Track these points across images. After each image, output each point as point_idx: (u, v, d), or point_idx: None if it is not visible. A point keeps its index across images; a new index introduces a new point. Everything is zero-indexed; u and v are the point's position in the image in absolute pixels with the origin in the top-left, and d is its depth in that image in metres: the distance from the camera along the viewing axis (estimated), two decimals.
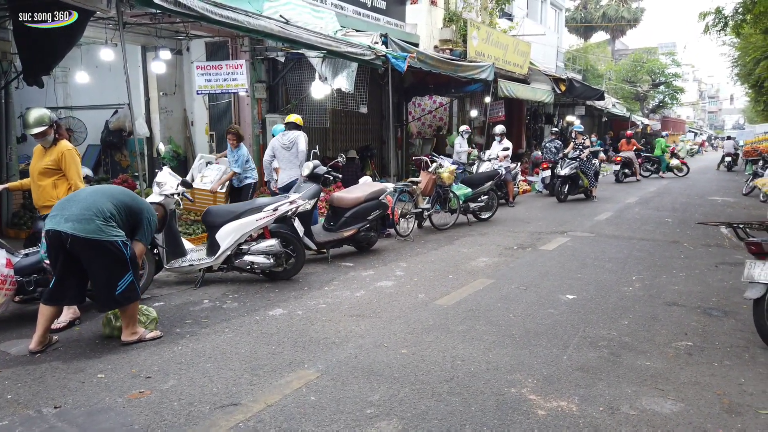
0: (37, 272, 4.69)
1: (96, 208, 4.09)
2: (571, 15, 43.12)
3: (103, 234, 4.07)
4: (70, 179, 4.75)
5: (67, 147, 4.84)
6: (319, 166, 7.30)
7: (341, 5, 11.96)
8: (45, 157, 4.80)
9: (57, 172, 4.85)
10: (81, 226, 4.01)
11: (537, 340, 4.45)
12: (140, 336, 4.37)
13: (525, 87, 16.72)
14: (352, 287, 5.96)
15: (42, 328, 4.18)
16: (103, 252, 4.09)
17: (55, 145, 4.83)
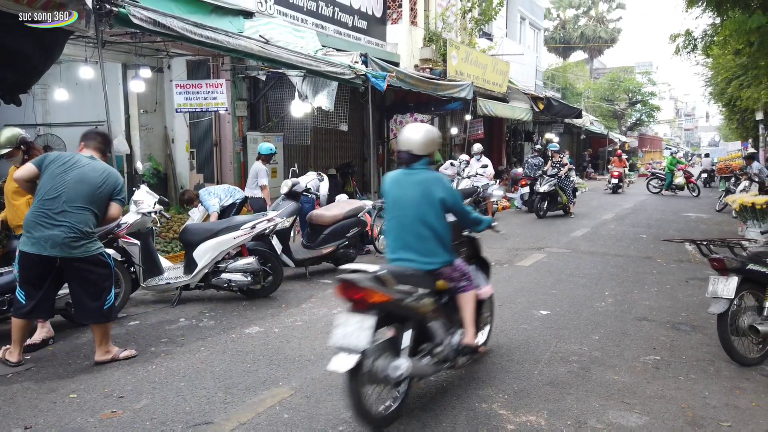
0: (11, 292, 4.65)
1: (79, 228, 4.05)
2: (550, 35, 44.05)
3: (90, 250, 4.12)
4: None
5: None
6: (297, 184, 7.37)
7: (322, 25, 12.13)
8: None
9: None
10: (69, 250, 4.03)
11: (509, 355, 4.53)
12: (114, 355, 4.36)
13: (504, 105, 17.01)
14: (329, 304, 6.00)
15: (20, 341, 4.23)
16: (93, 265, 4.15)
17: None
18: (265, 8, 10.49)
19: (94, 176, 4.16)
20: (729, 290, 4.27)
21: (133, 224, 5.57)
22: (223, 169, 10.46)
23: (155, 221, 5.94)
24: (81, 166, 4.16)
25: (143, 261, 5.71)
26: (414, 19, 15.58)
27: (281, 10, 10.94)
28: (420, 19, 15.83)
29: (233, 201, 8.13)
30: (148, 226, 5.82)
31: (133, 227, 5.58)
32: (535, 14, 29.41)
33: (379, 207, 8.93)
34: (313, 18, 11.90)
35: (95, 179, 4.16)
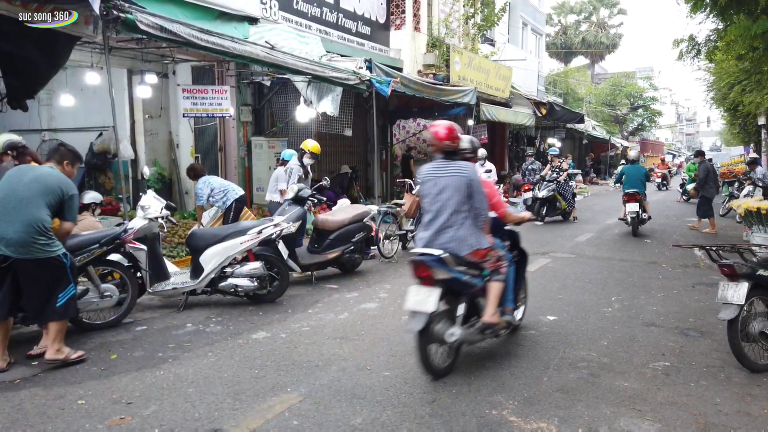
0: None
1: (35, 225, 4.08)
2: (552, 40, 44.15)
3: (46, 251, 4.13)
4: None
5: None
6: (303, 189, 7.37)
7: (326, 31, 12.16)
8: None
9: None
10: (24, 250, 4.06)
11: (518, 361, 4.51)
12: (66, 355, 4.32)
13: (507, 110, 17.03)
14: (335, 309, 5.98)
15: (2, 344, 4.24)
16: (47, 267, 4.16)
17: None
18: (270, 14, 10.52)
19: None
20: (739, 296, 4.25)
21: (140, 229, 5.57)
22: (228, 173, 10.48)
23: (162, 226, 5.94)
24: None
25: (150, 266, 5.70)
26: (417, 25, 15.62)
27: (286, 16, 10.98)
28: (423, 25, 15.86)
29: (231, 203, 8.01)
30: (154, 231, 5.82)
31: (140, 232, 5.58)
32: (537, 20, 29.51)
33: (384, 212, 8.93)
34: (318, 24, 11.94)
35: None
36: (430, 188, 4.28)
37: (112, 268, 5.44)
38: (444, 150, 4.29)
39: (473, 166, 4.37)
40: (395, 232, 9.04)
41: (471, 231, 4.17)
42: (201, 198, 7.87)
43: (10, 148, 4.66)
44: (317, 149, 8.34)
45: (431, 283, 4.02)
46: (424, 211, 4.32)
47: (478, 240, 4.19)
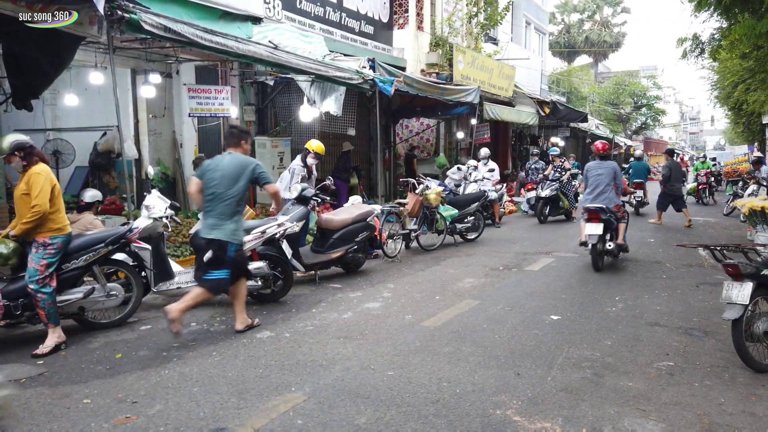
0: (24, 296, 4.67)
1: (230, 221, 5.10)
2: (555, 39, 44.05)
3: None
4: (32, 199, 4.62)
5: (35, 170, 4.68)
6: (307, 189, 7.38)
7: (330, 30, 12.17)
8: (20, 183, 4.74)
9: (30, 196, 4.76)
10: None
11: (522, 361, 4.51)
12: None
13: (510, 110, 17.00)
14: (339, 309, 6.00)
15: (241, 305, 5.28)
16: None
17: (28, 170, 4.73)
18: (273, 14, 10.54)
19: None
20: (743, 296, 4.24)
21: (145, 229, 5.59)
22: None
23: (166, 226, 5.95)
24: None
25: (154, 265, 5.72)
26: (420, 24, 15.61)
27: (289, 16, 10.99)
28: (426, 24, 15.85)
29: None
30: (159, 230, 5.84)
31: (145, 232, 5.60)
32: (540, 19, 29.45)
33: (387, 211, 8.93)
34: (321, 23, 11.95)
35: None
36: (595, 172, 8.08)
37: (117, 267, 5.46)
38: (601, 155, 8.32)
39: (615, 163, 8.35)
40: (399, 232, 9.04)
41: (613, 195, 8.00)
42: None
43: (18, 149, 4.66)
44: (321, 150, 8.34)
45: (597, 221, 7.75)
46: (588, 185, 8.15)
47: (617, 201, 8.07)
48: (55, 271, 4.73)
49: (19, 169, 4.72)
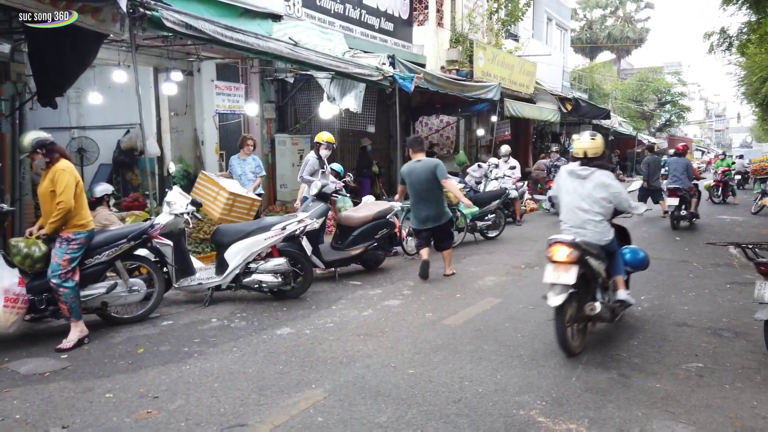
0: (48, 291, 4.72)
1: (443, 204, 7.17)
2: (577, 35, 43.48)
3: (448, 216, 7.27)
4: (57, 196, 4.68)
5: (59, 167, 4.72)
6: (327, 186, 7.36)
7: (349, 27, 12.14)
8: (44, 180, 4.78)
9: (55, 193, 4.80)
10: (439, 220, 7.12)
11: (545, 360, 4.42)
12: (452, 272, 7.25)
13: (531, 106, 16.82)
14: (359, 306, 5.96)
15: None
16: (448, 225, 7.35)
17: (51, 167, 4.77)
18: (293, 11, 10.55)
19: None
20: None
21: (166, 225, 5.62)
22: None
23: (187, 222, 5.98)
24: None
25: (176, 261, 5.75)
26: (440, 21, 15.50)
27: (309, 13, 10.99)
28: (446, 21, 15.74)
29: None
30: (180, 227, 5.86)
31: (166, 228, 5.63)
32: (562, 15, 29.07)
33: (407, 209, 8.87)
34: (340, 20, 11.93)
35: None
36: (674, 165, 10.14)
37: (139, 263, 5.49)
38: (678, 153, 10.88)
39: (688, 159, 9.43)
40: None
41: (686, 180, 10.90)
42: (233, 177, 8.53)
43: (40, 146, 4.69)
44: (332, 139, 8.33)
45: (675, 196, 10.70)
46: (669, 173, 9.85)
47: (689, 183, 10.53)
48: (77, 266, 4.77)
49: (42, 166, 4.76)
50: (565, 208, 4.77)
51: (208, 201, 8.04)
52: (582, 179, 4.69)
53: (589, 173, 4.66)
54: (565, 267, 4.28)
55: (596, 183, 4.64)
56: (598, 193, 4.62)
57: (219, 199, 7.99)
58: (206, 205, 7.88)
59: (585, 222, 4.64)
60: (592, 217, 4.63)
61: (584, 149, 4.72)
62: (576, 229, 4.66)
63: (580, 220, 4.65)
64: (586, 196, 4.65)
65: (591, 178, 4.66)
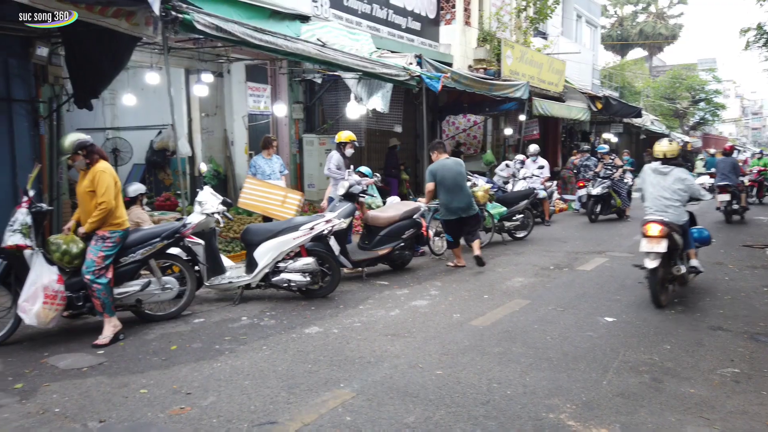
0: (85, 288, 4.86)
1: (471, 197, 7.82)
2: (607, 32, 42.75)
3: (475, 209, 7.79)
4: (98, 197, 4.80)
5: (100, 168, 4.86)
6: (354, 186, 7.39)
7: (376, 27, 12.17)
8: (84, 180, 4.92)
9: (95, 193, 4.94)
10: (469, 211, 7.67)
11: (575, 363, 4.37)
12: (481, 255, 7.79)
13: (560, 105, 16.61)
14: (386, 306, 5.98)
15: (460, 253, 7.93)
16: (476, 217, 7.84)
17: (91, 168, 4.90)
18: (321, 12, 10.62)
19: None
20: None
21: (198, 224, 5.72)
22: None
23: (218, 222, 6.08)
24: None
25: (207, 260, 5.85)
26: (468, 20, 15.42)
27: (336, 14, 11.05)
28: (474, 20, 15.65)
29: None
30: (211, 226, 5.97)
31: (198, 227, 5.73)
32: (592, 12, 28.63)
33: (434, 209, 8.86)
34: (368, 21, 11.97)
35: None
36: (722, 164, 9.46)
37: (171, 261, 5.60)
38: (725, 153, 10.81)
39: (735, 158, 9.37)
40: None
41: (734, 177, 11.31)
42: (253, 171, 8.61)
43: (80, 148, 4.84)
44: (353, 137, 8.37)
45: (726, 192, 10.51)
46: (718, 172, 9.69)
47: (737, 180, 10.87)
48: (112, 264, 4.89)
49: (82, 167, 4.90)
50: (649, 197, 6.05)
51: (274, 205, 7.91)
52: (663, 175, 5.98)
53: (669, 170, 5.95)
54: (657, 240, 5.64)
55: (675, 177, 5.91)
56: (676, 186, 5.88)
57: (290, 203, 7.90)
58: (272, 211, 7.79)
59: (667, 207, 5.87)
60: (672, 203, 5.87)
61: (664, 152, 6.07)
62: (659, 213, 5.87)
63: (662, 206, 5.88)
64: (667, 187, 5.91)
65: (671, 174, 5.94)
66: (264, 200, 7.95)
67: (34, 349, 4.67)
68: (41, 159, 7.23)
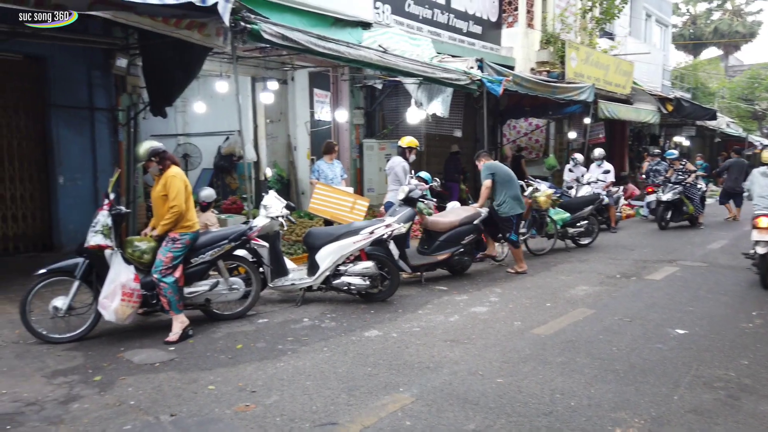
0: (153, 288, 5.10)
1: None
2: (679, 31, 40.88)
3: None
4: (169, 201, 5.02)
5: (171, 173, 5.09)
6: (414, 190, 7.41)
7: (437, 32, 12.17)
8: (157, 185, 5.19)
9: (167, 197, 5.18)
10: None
11: (643, 376, 4.20)
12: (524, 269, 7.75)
13: (628, 107, 16.01)
14: (446, 311, 5.95)
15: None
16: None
17: (164, 173, 5.14)
18: (383, 18, 10.73)
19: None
20: None
21: (263, 227, 5.91)
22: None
23: (282, 225, 6.25)
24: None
25: (271, 262, 6.02)
26: (531, 22, 15.16)
27: (397, 19, 11.14)
28: (537, 22, 15.36)
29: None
30: (275, 229, 6.14)
31: (263, 230, 5.91)
32: (663, 10, 27.48)
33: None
34: (429, 26, 11.98)
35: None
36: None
37: (238, 262, 5.80)
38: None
39: None
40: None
41: None
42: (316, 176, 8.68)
43: (154, 155, 5.11)
44: (415, 143, 8.39)
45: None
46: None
47: None
48: (181, 264, 5.12)
49: (156, 172, 5.17)
50: (756, 196, 7.15)
51: (343, 211, 7.99)
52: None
53: None
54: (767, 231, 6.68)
55: None
56: None
57: (359, 209, 7.99)
58: (340, 216, 7.90)
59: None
60: None
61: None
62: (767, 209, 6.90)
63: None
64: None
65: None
66: (334, 206, 8.04)
67: (112, 344, 4.94)
68: (119, 164, 7.67)
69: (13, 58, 7.38)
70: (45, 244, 7.86)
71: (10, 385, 4.07)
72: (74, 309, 4.98)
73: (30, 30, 5.61)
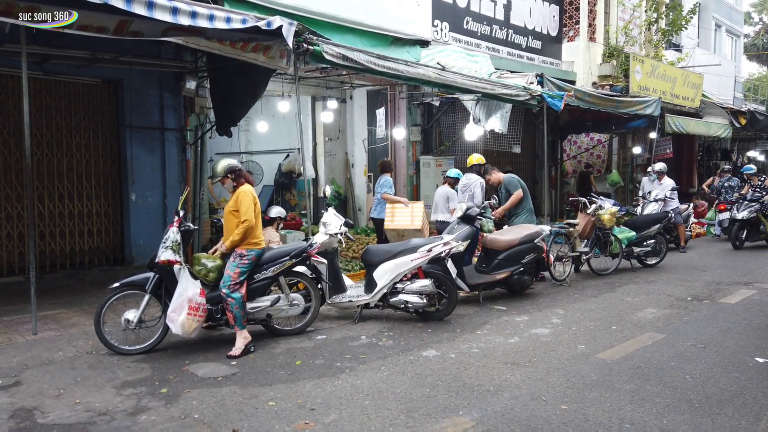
0: (220, 302, 5.25)
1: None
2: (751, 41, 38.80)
3: None
4: (241, 215, 5.19)
5: (242, 190, 5.28)
6: (472, 208, 7.33)
7: (496, 48, 12.09)
8: (230, 201, 5.39)
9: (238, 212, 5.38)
10: None
11: (721, 407, 3.94)
12: None
13: (697, 121, 15.34)
14: (505, 332, 5.82)
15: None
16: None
17: (237, 189, 5.35)
18: (441, 36, 10.77)
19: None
20: None
21: (323, 244, 5.98)
22: (398, 192, 10.82)
23: (340, 242, 6.31)
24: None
25: (329, 278, 6.08)
26: (593, 35, 14.83)
27: (456, 37, 11.14)
28: (599, 35, 15.01)
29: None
30: (334, 246, 6.21)
31: (322, 247, 5.99)
32: (733, 20, 26.30)
33: (555, 232, 8.53)
34: (487, 42, 11.93)
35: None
36: None
37: (298, 279, 5.89)
38: None
39: None
40: (567, 254, 8.56)
41: None
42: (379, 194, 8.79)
43: (230, 172, 5.34)
44: (482, 159, 8.56)
45: None
46: None
47: None
48: (245, 280, 5.25)
49: (230, 189, 5.38)
50: None
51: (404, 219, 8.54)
52: None
53: None
54: None
55: None
56: None
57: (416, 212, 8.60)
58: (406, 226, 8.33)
59: None
60: None
61: None
62: None
63: None
64: None
65: None
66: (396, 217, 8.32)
67: (177, 357, 5.10)
68: (187, 182, 8.00)
69: (92, 82, 7.88)
70: (117, 257, 8.28)
71: (84, 394, 4.26)
72: (144, 322, 5.19)
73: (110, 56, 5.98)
